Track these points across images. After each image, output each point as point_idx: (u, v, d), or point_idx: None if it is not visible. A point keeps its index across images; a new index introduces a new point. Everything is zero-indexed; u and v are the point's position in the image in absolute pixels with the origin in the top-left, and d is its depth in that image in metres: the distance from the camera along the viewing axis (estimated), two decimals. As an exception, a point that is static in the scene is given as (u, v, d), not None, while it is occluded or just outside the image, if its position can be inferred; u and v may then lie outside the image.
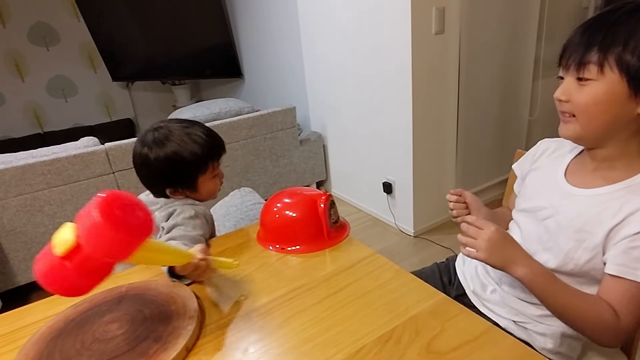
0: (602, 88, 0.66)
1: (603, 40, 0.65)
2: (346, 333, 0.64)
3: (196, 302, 0.71)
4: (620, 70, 0.64)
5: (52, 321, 0.69)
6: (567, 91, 0.70)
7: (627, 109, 0.66)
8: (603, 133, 0.70)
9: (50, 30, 3.69)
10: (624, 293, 0.65)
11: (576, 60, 0.68)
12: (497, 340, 0.60)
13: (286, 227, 0.92)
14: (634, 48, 0.63)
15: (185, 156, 0.95)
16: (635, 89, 0.65)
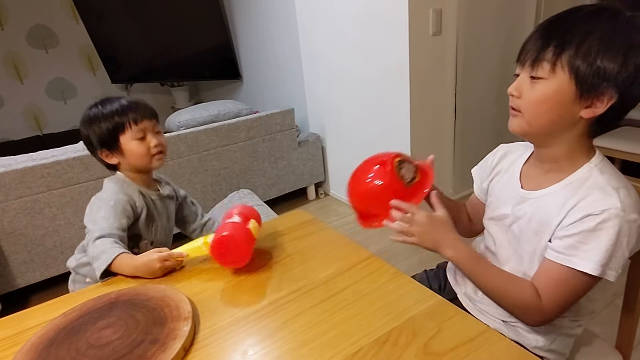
0: (552, 87, 0.67)
1: (559, 40, 0.66)
2: (344, 335, 0.64)
3: (189, 304, 0.71)
4: (570, 72, 0.65)
5: (41, 331, 0.69)
6: (520, 87, 0.72)
7: (572, 110, 0.68)
8: (548, 131, 0.72)
9: (49, 32, 3.69)
10: (554, 277, 0.69)
11: (532, 57, 0.68)
12: (493, 341, 0.61)
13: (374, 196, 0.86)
14: (586, 51, 0.64)
15: (98, 113, 1.05)
16: (581, 92, 0.66)
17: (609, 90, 0.64)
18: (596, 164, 0.71)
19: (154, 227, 1.13)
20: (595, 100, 0.66)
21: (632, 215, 0.65)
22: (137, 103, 1.08)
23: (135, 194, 1.08)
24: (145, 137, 1.07)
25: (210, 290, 0.80)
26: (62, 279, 2.03)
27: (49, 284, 2.05)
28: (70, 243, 2.05)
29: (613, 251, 0.65)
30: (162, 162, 1.11)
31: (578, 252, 0.67)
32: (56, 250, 2.03)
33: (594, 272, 0.65)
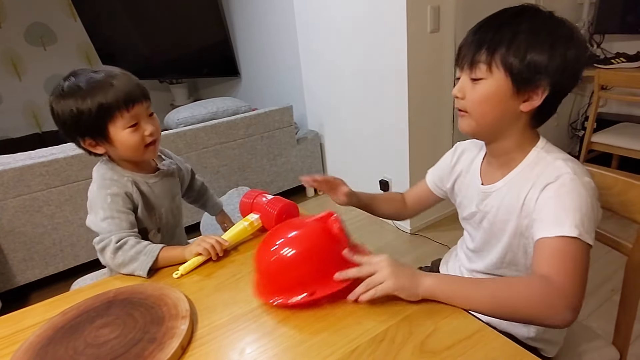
0: (491, 86, 0.72)
1: (490, 41, 0.71)
2: (341, 333, 0.65)
3: (187, 302, 0.72)
4: (505, 69, 0.70)
5: (40, 330, 0.69)
6: (463, 89, 0.76)
7: (512, 105, 0.73)
8: (495, 127, 0.76)
9: (47, 30, 3.68)
10: (552, 253, 0.66)
11: (468, 60, 0.73)
12: (490, 339, 0.61)
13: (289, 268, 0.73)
14: (516, 48, 0.69)
15: (84, 107, 0.85)
16: (517, 87, 0.70)
17: (542, 83, 0.69)
18: (542, 147, 0.76)
19: (156, 215, 1.02)
20: (532, 93, 0.71)
21: (585, 178, 0.69)
22: (121, 78, 0.89)
23: (128, 185, 0.95)
24: (139, 124, 0.91)
25: (207, 289, 0.80)
26: (62, 276, 2.04)
27: (49, 282, 2.06)
28: (70, 241, 2.05)
29: (581, 212, 0.66)
30: (156, 153, 0.99)
31: (557, 220, 0.67)
32: (55, 248, 2.03)
33: (579, 236, 0.64)
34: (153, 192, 1.01)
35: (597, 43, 2.61)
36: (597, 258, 1.86)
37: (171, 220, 1.07)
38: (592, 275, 1.97)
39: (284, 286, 0.72)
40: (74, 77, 0.88)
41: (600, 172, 0.88)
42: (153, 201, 1.01)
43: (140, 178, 0.98)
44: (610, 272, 1.79)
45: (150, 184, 1.00)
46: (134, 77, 0.93)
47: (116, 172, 0.96)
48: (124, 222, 0.91)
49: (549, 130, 2.72)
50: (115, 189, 0.93)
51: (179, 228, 1.14)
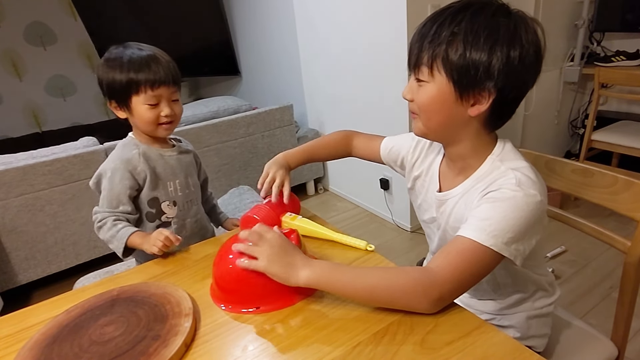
0: (434, 89, 0.68)
1: (431, 42, 0.66)
2: (342, 330, 0.65)
3: (190, 301, 0.72)
4: (446, 73, 0.66)
5: (45, 327, 0.70)
6: (411, 91, 0.73)
7: (459, 110, 0.69)
8: (443, 131, 0.74)
9: (46, 29, 3.69)
10: (452, 249, 0.66)
11: (413, 62, 0.70)
12: (489, 335, 0.62)
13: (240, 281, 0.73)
14: (455, 51, 0.64)
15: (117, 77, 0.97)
16: (460, 92, 0.67)
17: (486, 86, 0.65)
18: (497, 154, 0.73)
19: (171, 187, 1.08)
20: (478, 96, 0.67)
21: (530, 191, 0.66)
22: (159, 61, 0.99)
23: (135, 158, 1.02)
24: (159, 104, 1.00)
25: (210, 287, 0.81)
26: (64, 275, 2.05)
27: (51, 280, 2.07)
28: (72, 239, 2.06)
29: (510, 225, 0.64)
30: (169, 132, 1.06)
31: (471, 223, 0.66)
32: (57, 247, 2.04)
33: (484, 242, 0.63)
34: (167, 163, 1.08)
35: (597, 41, 2.61)
36: (596, 256, 1.87)
37: (186, 195, 1.12)
38: (590, 273, 1.99)
39: (235, 295, 0.74)
40: (123, 48, 1.00)
41: (599, 170, 0.88)
42: (167, 172, 1.08)
43: (155, 150, 1.07)
44: (609, 270, 1.80)
45: (166, 156, 1.08)
46: (172, 62, 1.03)
47: (130, 144, 1.06)
48: (113, 200, 1.01)
49: (549, 128, 2.73)
50: (117, 164, 1.02)
51: (195, 207, 1.16)
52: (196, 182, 1.17)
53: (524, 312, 0.81)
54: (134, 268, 0.92)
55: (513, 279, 0.80)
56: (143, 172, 1.03)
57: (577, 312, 1.59)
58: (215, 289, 0.78)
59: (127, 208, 1.02)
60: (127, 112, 1.03)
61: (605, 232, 0.89)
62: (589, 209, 0.90)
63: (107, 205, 1.01)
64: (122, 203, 1.01)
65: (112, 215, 1.00)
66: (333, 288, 0.68)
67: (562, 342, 0.89)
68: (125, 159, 1.02)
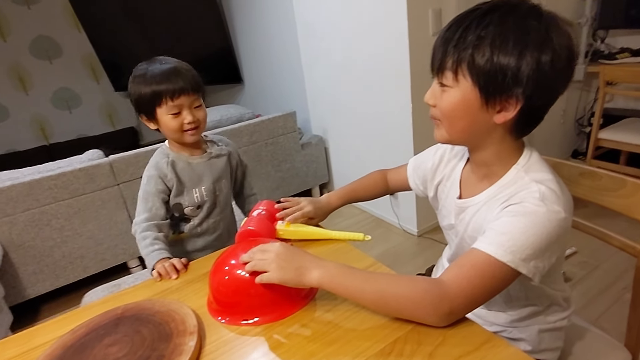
0: (458, 95, 0.65)
1: (456, 46, 0.63)
2: (348, 347, 0.64)
3: (195, 318, 0.72)
4: (472, 79, 0.63)
5: (50, 349, 0.69)
6: (433, 96, 0.70)
7: (484, 117, 0.66)
8: (467, 138, 0.71)
9: (52, 43, 3.73)
10: (466, 262, 0.64)
11: (437, 66, 0.67)
12: (500, 349, 0.60)
13: (238, 292, 0.74)
14: (481, 56, 0.61)
15: (142, 91, 1.04)
16: (486, 98, 0.64)
17: (514, 93, 0.62)
18: (523, 165, 0.70)
19: (197, 192, 1.14)
20: (505, 103, 0.64)
21: (555, 207, 0.62)
22: (179, 72, 1.05)
23: (164, 166, 1.10)
24: (181, 112, 1.06)
25: (215, 303, 0.80)
26: (73, 288, 2.06)
27: (60, 293, 2.08)
28: (79, 253, 2.07)
29: (530, 241, 0.61)
30: (196, 137, 1.11)
31: (489, 236, 0.64)
32: (65, 261, 2.05)
33: (501, 257, 0.61)
34: (194, 170, 1.14)
35: (601, 39, 2.58)
36: (607, 257, 1.84)
37: (212, 199, 1.18)
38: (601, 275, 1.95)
39: (233, 307, 0.74)
40: (147, 64, 1.07)
41: (608, 173, 0.87)
42: (193, 179, 1.14)
43: (183, 157, 1.13)
44: (621, 271, 1.77)
45: (194, 163, 1.14)
46: (193, 71, 1.09)
47: (162, 153, 1.13)
48: (148, 202, 1.09)
49: (555, 127, 2.70)
50: (152, 171, 1.10)
51: (219, 209, 1.21)
52: (226, 186, 1.22)
53: (536, 326, 0.79)
54: (139, 284, 0.92)
55: (527, 293, 0.78)
56: (171, 179, 1.11)
57: (589, 316, 1.56)
58: (213, 302, 0.78)
59: (160, 211, 1.09)
60: (156, 123, 1.09)
61: (616, 236, 0.87)
62: (598, 208, 0.88)
63: (142, 208, 1.09)
64: (155, 206, 1.09)
65: (149, 230, 1.05)
66: (343, 289, 0.68)
67: (574, 348, 0.87)
68: (159, 166, 1.11)
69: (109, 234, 2.13)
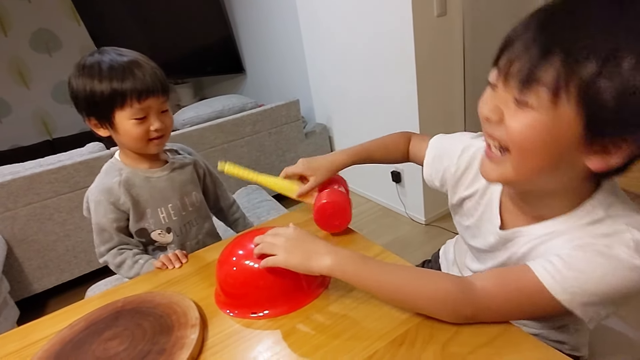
0: (547, 122, 0.46)
1: (567, 51, 0.42)
2: (357, 338, 0.61)
3: (197, 310, 0.69)
4: (580, 104, 0.43)
5: (48, 344, 0.67)
6: (497, 111, 0.51)
7: (573, 157, 0.48)
8: (537, 180, 0.53)
9: (51, 36, 3.69)
10: (519, 279, 0.55)
11: (522, 73, 0.46)
12: (518, 341, 0.57)
13: (247, 284, 0.70)
14: (612, 74, 0.41)
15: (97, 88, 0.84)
16: (592, 135, 0.45)
17: (633, 135, 0.44)
18: (601, 201, 0.53)
19: (162, 213, 0.98)
20: (611, 146, 0.45)
21: (637, 261, 0.48)
22: (143, 68, 0.86)
23: (115, 188, 0.92)
24: (148, 118, 0.88)
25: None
26: (79, 282, 2.05)
27: (66, 288, 2.07)
28: (82, 247, 2.05)
29: (599, 289, 0.50)
30: (160, 148, 0.95)
31: (553, 263, 0.52)
32: (69, 255, 2.03)
33: (556, 294, 0.51)
34: (155, 187, 0.97)
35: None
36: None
37: (183, 218, 1.02)
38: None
39: (241, 299, 0.71)
40: (99, 54, 0.87)
41: None
42: (155, 198, 0.97)
43: (140, 172, 0.96)
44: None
45: (154, 178, 0.97)
46: (158, 68, 0.91)
47: (112, 170, 0.95)
48: (104, 233, 0.96)
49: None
50: (99, 196, 0.94)
51: (196, 227, 1.06)
52: (198, 199, 1.05)
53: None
54: (139, 277, 0.89)
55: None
56: (125, 203, 0.94)
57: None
58: (220, 294, 0.75)
59: (121, 238, 0.96)
60: (110, 130, 0.90)
61: None
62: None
63: (99, 240, 0.96)
64: (112, 237, 0.96)
65: (122, 253, 0.96)
66: (357, 280, 0.62)
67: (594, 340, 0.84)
68: (107, 189, 0.93)
69: (113, 227, 2.12)
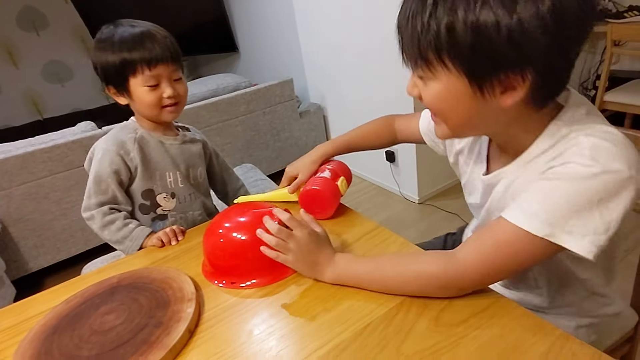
0: (441, 86, 0.53)
1: (423, 23, 0.48)
2: (353, 310, 0.63)
3: (193, 285, 0.70)
4: (455, 66, 0.50)
5: (44, 319, 0.68)
6: (416, 87, 0.57)
7: (483, 105, 0.52)
8: (474, 128, 0.59)
9: (38, 14, 3.60)
10: (494, 231, 0.56)
11: (408, 54, 0.54)
12: (507, 310, 0.58)
13: (235, 255, 0.73)
14: (457, 25, 0.46)
15: (111, 59, 0.89)
16: (478, 85, 0.50)
17: (514, 67, 0.48)
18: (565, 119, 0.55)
19: (169, 177, 1.01)
20: (508, 81, 0.49)
21: (614, 165, 0.48)
22: (154, 37, 0.90)
23: (128, 142, 0.95)
24: (159, 85, 0.92)
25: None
26: (75, 260, 2.05)
27: (63, 266, 2.08)
28: (79, 225, 2.05)
29: (573, 210, 0.49)
30: (176, 115, 0.98)
31: (520, 204, 0.54)
32: (66, 234, 2.04)
33: (536, 230, 0.50)
34: (167, 152, 1.00)
35: (608, -4, 2.48)
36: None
37: (188, 188, 1.05)
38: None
39: (230, 270, 0.73)
40: (114, 27, 0.92)
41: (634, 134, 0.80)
42: (165, 162, 1.00)
43: (155, 137, 0.99)
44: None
45: (167, 144, 1.01)
46: (171, 37, 0.95)
47: (128, 127, 0.98)
48: (101, 183, 0.94)
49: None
50: (109, 145, 0.95)
51: (200, 200, 1.08)
52: (202, 175, 1.09)
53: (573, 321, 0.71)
54: (135, 253, 0.90)
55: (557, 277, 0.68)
56: (134, 159, 0.95)
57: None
58: (207, 265, 0.77)
59: (117, 194, 0.95)
60: (127, 97, 0.95)
61: None
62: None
63: (94, 190, 0.94)
64: (111, 187, 0.94)
65: (111, 213, 0.94)
66: (358, 284, 0.66)
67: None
68: (119, 142, 0.95)
69: (108, 207, 2.11)
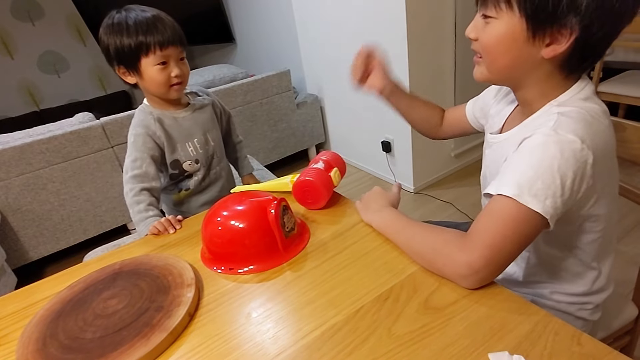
0: (502, 27, 0.60)
1: None
2: (345, 294, 0.65)
3: (192, 271, 0.72)
4: (519, 7, 0.58)
5: (49, 303, 0.70)
6: (475, 28, 0.65)
7: (530, 51, 0.60)
8: (509, 76, 0.66)
9: (33, 4, 3.58)
10: (488, 207, 0.61)
11: None
12: (494, 294, 0.61)
13: (234, 242, 0.76)
14: None
15: (126, 42, 0.98)
16: (534, 28, 0.58)
17: (568, 21, 0.55)
18: (562, 100, 0.63)
19: (190, 146, 1.13)
20: (556, 34, 0.57)
21: (569, 136, 0.56)
22: (165, 22, 1.01)
23: (152, 123, 1.06)
24: (168, 64, 1.02)
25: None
26: (76, 249, 2.08)
27: (63, 255, 2.11)
28: (77, 216, 2.07)
29: (537, 174, 0.56)
30: (180, 94, 1.08)
31: (499, 178, 0.61)
32: (64, 224, 2.06)
33: (511, 194, 0.56)
34: (182, 125, 1.12)
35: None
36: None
37: (206, 151, 1.17)
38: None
39: (228, 257, 0.76)
40: (125, 12, 1.00)
41: (633, 124, 0.80)
42: (183, 134, 1.12)
43: (168, 113, 1.10)
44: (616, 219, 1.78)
45: (179, 118, 1.12)
46: (176, 23, 1.04)
47: (145, 112, 1.08)
48: (137, 160, 1.04)
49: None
50: (139, 129, 1.06)
51: (217, 159, 1.21)
52: (217, 135, 1.21)
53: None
54: (136, 241, 0.92)
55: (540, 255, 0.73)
56: (160, 136, 1.08)
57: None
58: (206, 252, 0.79)
59: (150, 169, 1.05)
60: (136, 77, 1.03)
61: (634, 190, 0.82)
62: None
63: (130, 165, 1.04)
64: (145, 162, 1.05)
65: (142, 194, 1.03)
66: (391, 238, 0.74)
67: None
68: (145, 124, 1.06)
69: (107, 197, 2.13)
